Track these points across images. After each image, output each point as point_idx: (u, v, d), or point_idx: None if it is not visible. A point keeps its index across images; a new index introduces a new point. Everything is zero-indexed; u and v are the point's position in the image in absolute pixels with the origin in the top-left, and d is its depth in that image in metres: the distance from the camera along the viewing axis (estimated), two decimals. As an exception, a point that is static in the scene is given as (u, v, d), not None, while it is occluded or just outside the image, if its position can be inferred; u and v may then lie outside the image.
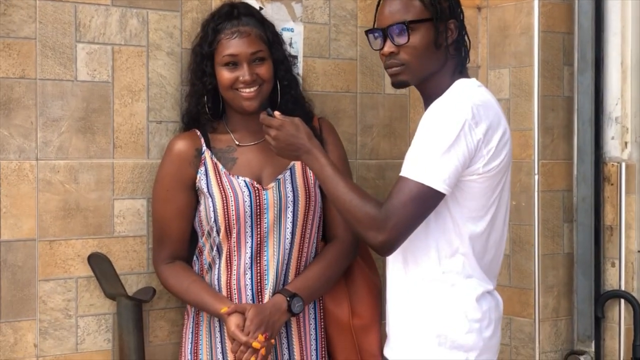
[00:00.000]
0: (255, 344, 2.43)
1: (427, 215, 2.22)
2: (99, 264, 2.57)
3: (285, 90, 2.62)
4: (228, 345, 2.54)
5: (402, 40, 2.28)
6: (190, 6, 2.71)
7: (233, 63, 2.54)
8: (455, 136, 2.17)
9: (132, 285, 2.64)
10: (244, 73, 2.52)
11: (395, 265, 2.35)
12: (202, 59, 2.58)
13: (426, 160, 2.18)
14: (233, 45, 2.53)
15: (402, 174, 2.21)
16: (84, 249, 2.58)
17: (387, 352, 2.40)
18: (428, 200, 2.18)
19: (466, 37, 2.37)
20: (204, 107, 2.60)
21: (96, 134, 2.60)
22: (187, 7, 2.71)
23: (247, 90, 2.53)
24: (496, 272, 2.39)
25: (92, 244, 2.59)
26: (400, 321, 2.35)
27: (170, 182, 2.58)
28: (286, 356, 2.60)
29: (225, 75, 2.54)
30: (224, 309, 2.48)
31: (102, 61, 2.59)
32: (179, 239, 2.61)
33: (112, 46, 2.61)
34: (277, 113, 2.39)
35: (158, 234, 2.62)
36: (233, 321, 2.46)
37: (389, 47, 2.31)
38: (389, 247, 2.21)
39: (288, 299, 2.52)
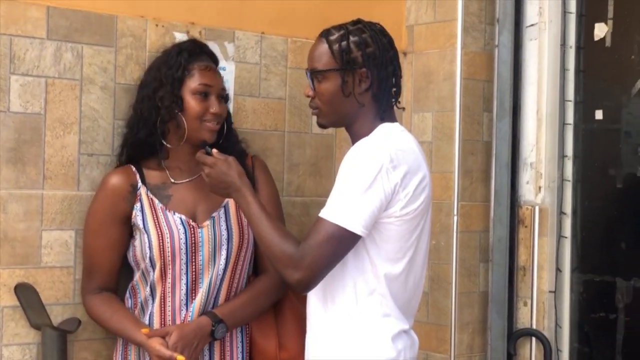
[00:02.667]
0: (180, 357, 2.48)
1: (343, 256, 2.28)
2: (26, 293, 2.58)
3: (228, 129, 2.70)
4: None
5: (313, 86, 2.40)
6: (124, 42, 2.76)
7: (205, 93, 2.60)
8: (372, 179, 2.24)
9: (57, 316, 2.65)
10: (214, 105, 2.59)
11: (315, 303, 2.40)
12: (172, 84, 2.59)
13: (343, 202, 2.25)
14: (208, 76, 2.61)
15: (320, 214, 2.27)
16: (11, 278, 2.58)
17: None
18: (344, 241, 2.25)
19: (393, 82, 2.42)
20: (157, 133, 2.61)
21: (27, 164, 2.61)
22: (121, 43, 2.76)
23: (214, 123, 2.60)
24: (414, 311, 2.45)
25: (19, 273, 2.60)
26: (317, 357, 2.39)
27: (103, 216, 2.62)
28: None
29: (196, 104, 2.59)
30: (144, 330, 2.53)
31: (35, 93, 2.62)
32: (108, 271, 2.64)
33: (46, 79, 2.64)
34: (214, 151, 2.47)
35: (88, 265, 2.65)
36: (156, 341, 2.50)
37: (307, 91, 2.44)
38: (305, 285, 2.26)
39: (214, 324, 2.57)
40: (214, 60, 2.74)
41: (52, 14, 2.64)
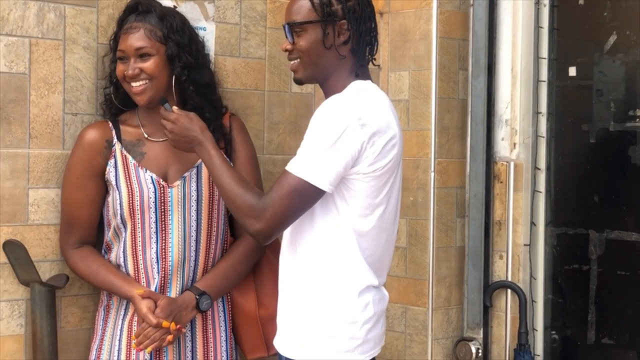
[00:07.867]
0: (165, 323, 2.54)
1: (305, 210, 2.31)
2: (14, 250, 2.62)
3: (182, 86, 2.66)
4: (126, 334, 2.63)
5: (292, 39, 2.41)
6: (106, 3, 2.79)
7: (123, 58, 2.63)
8: (338, 136, 2.25)
9: (45, 272, 2.69)
10: (127, 68, 2.62)
11: (286, 257, 2.43)
12: (111, 52, 2.69)
13: (308, 156, 2.27)
14: (123, 40, 2.63)
15: (286, 167, 2.30)
16: (-1, 236, 2.63)
17: (275, 341, 2.48)
18: (306, 195, 2.28)
19: (371, 40, 2.44)
20: (110, 97, 2.70)
21: (12, 124, 2.64)
22: (103, 3, 2.78)
23: (134, 84, 2.62)
24: (384, 268, 2.46)
25: (7, 231, 2.64)
26: (287, 311, 2.43)
27: (80, 170, 2.64)
28: (189, 348, 2.69)
29: (118, 68, 2.65)
30: (139, 291, 2.58)
31: (19, 53, 2.64)
32: (87, 225, 2.67)
33: (30, 39, 2.66)
34: (174, 108, 2.50)
35: (67, 220, 2.67)
36: (145, 304, 2.56)
37: (285, 44, 2.44)
38: (265, 235, 2.30)
39: (197, 297, 2.62)
40: (156, 12, 2.64)
41: (34, -26, 2.66)
